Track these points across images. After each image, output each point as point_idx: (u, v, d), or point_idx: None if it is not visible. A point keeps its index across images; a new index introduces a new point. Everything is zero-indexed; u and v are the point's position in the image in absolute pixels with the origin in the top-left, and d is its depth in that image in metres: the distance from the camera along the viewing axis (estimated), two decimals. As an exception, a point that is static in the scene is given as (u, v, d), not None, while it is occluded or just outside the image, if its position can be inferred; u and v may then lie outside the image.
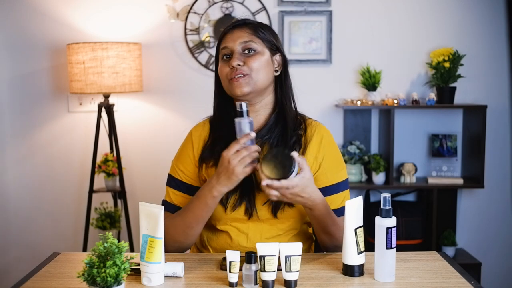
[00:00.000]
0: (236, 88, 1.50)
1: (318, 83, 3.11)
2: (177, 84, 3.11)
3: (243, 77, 1.50)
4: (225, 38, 1.56)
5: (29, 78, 3.09)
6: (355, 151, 3.00)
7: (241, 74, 1.50)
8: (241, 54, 1.53)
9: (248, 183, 1.51)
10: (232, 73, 1.51)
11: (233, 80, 1.50)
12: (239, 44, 1.53)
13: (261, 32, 1.56)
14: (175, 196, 1.59)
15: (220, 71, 1.55)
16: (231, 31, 1.56)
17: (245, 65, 1.51)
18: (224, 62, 1.55)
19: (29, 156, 3.13)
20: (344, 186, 1.59)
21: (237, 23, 1.58)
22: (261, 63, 1.53)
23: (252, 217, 1.53)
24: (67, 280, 1.32)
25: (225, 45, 1.54)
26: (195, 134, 1.61)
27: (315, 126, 1.61)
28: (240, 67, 1.50)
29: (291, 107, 1.59)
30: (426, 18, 3.10)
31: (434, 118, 3.15)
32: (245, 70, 1.50)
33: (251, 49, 1.53)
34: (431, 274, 1.34)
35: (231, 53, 1.53)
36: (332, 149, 1.60)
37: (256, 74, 1.51)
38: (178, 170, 1.59)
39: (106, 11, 3.07)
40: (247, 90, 1.51)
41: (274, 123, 1.57)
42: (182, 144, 1.64)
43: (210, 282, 1.30)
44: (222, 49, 1.55)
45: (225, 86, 1.55)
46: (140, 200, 1.34)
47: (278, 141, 1.55)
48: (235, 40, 1.53)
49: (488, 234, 3.21)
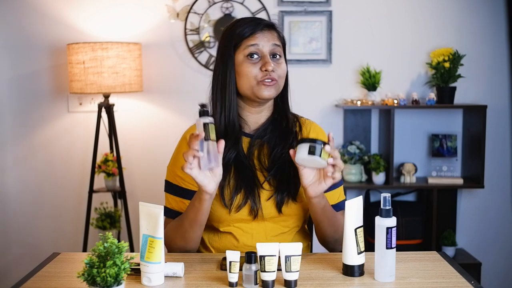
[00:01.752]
0: (266, 92, 1.51)
1: (318, 83, 3.11)
2: (177, 84, 3.11)
3: (274, 82, 1.52)
4: (256, 36, 1.52)
5: (29, 78, 3.09)
6: (355, 151, 3.00)
7: (273, 79, 1.51)
8: (271, 58, 1.53)
9: (250, 182, 1.52)
10: (265, 76, 1.50)
11: (265, 83, 1.51)
12: (271, 46, 1.53)
13: (282, 37, 1.59)
14: (175, 202, 1.57)
15: (246, 71, 1.52)
16: (262, 31, 1.54)
17: (275, 70, 1.52)
18: (252, 62, 1.52)
19: (29, 156, 3.13)
20: (340, 182, 1.61)
21: (268, 23, 1.56)
22: (284, 70, 1.56)
23: (257, 217, 1.53)
24: (67, 280, 1.32)
25: (256, 43, 1.52)
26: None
27: (309, 125, 1.64)
28: (273, 72, 1.51)
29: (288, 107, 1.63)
30: (426, 18, 3.10)
31: (434, 118, 3.15)
32: (275, 75, 1.52)
33: (278, 54, 1.54)
34: (431, 274, 1.34)
35: (260, 54, 1.52)
36: None
37: (281, 80, 1.55)
38: (176, 176, 1.57)
39: (106, 11, 3.07)
40: (274, 94, 1.53)
41: (273, 123, 1.59)
42: (176, 149, 1.62)
43: (210, 282, 1.30)
44: (250, 45, 1.52)
45: (248, 86, 1.52)
46: (140, 200, 1.34)
47: (278, 140, 1.56)
48: (267, 41, 1.52)
49: (488, 234, 3.21)
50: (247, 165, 1.54)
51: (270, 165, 1.55)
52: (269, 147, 1.56)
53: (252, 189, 1.52)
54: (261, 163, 1.56)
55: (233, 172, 1.54)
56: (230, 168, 1.54)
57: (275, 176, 1.53)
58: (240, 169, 1.53)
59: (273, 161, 1.55)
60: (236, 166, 1.54)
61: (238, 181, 1.52)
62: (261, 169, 1.55)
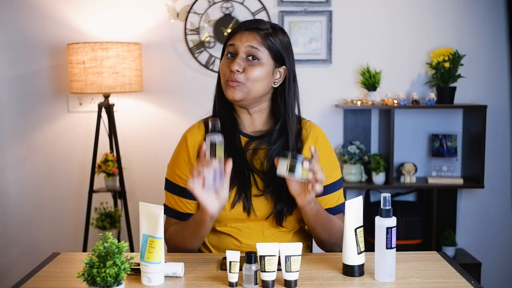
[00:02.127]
0: (228, 92, 1.51)
1: (318, 83, 3.11)
2: (177, 84, 3.11)
3: (237, 84, 1.49)
4: (235, 36, 1.54)
5: (29, 78, 3.09)
6: (355, 151, 3.00)
7: (236, 81, 1.49)
8: (244, 59, 1.51)
9: (245, 182, 1.52)
10: (229, 76, 1.50)
11: (228, 82, 1.50)
12: (245, 47, 1.51)
13: (270, 41, 1.52)
14: (175, 201, 1.58)
15: (221, 67, 1.55)
16: (241, 32, 1.53)
17: (244, 72, 1.49)
18: (227, 60, 1.53)
19: (29, 156, 3.13)
20: (339, 185, 1.61)
21: (250, 26, 1.53)
22: (260, 74, 1.51)
23: (250, 215, 1.53)
24: (67, 280, 1.32)
25: (233, 43, 1.53)
26: (190, 137, 1.60)
27: (310, 127, 1.63)
28: (238, 73, 1.49)
29: (293, 119, 1.57)
30: (426, 18, 3.10)
31: (434, 118, 3.15)
32: (241, 79, 1.49)
33: (255, 56, 1.51)
34: (431, 274, 1.34)
35: (235, 53, 1.52)
36: (327, 149, 1.61)
37: (252, 84, 1.50)
38: (175, 175, 1.58)
39: (106, 11, 3.07)
40: (239, 97, 1.50)
41: (278, 134, 1.56)
42: (177, 148, 1.63)
43: (210, 282, 1.30)
44: (229, 45, 1.54)
45: (221, 83, 1.55)
46: (140, 200, 1.34)
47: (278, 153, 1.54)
48: (243, 42, 1.51)
49: (488, 234, 3.21)
50: (242, 164, 1.54)
51: (267, 171, 1.54)
52: (266, 155, 1.55)
53: (245, 187, 1.52)
54: (254, 164, 1.55)
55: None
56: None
57: (269, 182, 1.53)
58: (235, 168, 1.52)
59: (269, 167, 1.53)
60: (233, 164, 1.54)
61: (233, 179, 1.52)
62: (256, 171, 1.55)
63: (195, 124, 1.64)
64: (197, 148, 1.58)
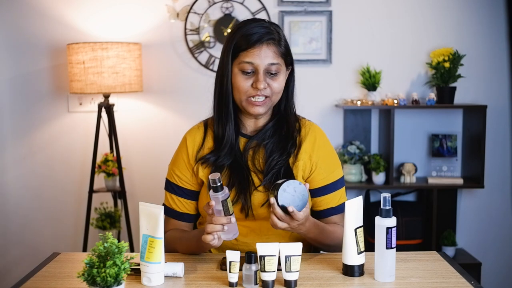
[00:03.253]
0: (254, 109, 1.51)
1: (318, 83, 3.11)
2: (177, 84, 3.11)
3: (264, 99, 1.51)
4: (251, 53, 1.48)
5: (29, 78, 3.09)
6: (355, 151, 3.00)
7: (263, 97, 1.50)
8: (265, 74, 1.50)
9: (244, 182, 1.52)
10: (254, 93, 1.49)
11: (253, 101, 1.50)
12: (267, 64, 1.49)
13: (283, 48, 1.52)
14: (173, 201, 1.61)
15: (238, 84, 1.51)
16: (259, 46, 1.48)
17: (268, 87, 1.50)
18: (245, 77, 1.50)
19: (29, 156, 3.13)
20: (340, 184, 1.61)
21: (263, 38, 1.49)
22: (280, 84, 1.53)
23: (248, 216, 1.53)
24: (67, 280, 1.32)
25: (251, 61, 1.48)
26: (190, 139, 1.61)
27: (309, 126, 1.62)
28: (264, 89, 1.50)
29: (292, 114, 1.60)
30: (426, 18, 3.10)
31: (434, 118, 3.15)
32: (267, 93, 1.51)
33: (275, 71, 1.51)
34: (431, 274, 1.34)
35: (255, 69, 1.49)
36: (326, 148, 1.61)
37: (276, 96, 1.53)
38: (174, 175, 1.61)
39: (106, 11, 3.07)
40: (263, 111, 1.53)
41: (273, 129, 1.58)
42: (177, 149, 1.65)
43: (210, 282, 1.30)
44: (244, 62, 1.49)
45: (239, 99, 1.53)
46: (140, 200, 1.34)
47: (276, 147, 1.56)
48: (262, 58, 1.48)
49: (488, 234, 3.21)
50: (242, 165, 1.54)
51: (266, 169, 1.54)
52: (265, 152, 1.56)
53: (245, 188, 1.52)
54: (254, 165, 1.55)
55: (227, 171, 1.54)
56: (224, 166, 1.55)
57: (269, 182, 1.52)
58: (234, 168, 1.54)
59: (269, 167, 1.54)
60: (231, 165, 1.55)
61: (231, 179, 1.52)
62: (255, 171, 1.55)
63: (195, 126, 1.65)
64: (196, 150, 1.59)
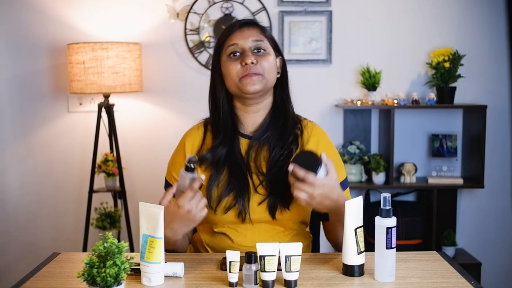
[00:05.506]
0: (249, 85, 1.50)
1: (318, 83, 3.11)
2: (177, 84, 3.11)
3: (256, 75, 1.51)
4: (234, 36, 1.54)
5: (29, 78, 3.09)
6: (355, 151, 3.00)
7: (255, 73, 1.50)
8: (253, 52, 1.53)
9: (242, 186, 1.51)
10: (245, 71, 1.50)
11: (246, 77, 1.50)
12: (251, 42, 1.53)
13: (268, 32, 1.59)
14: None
15: (228, 69, 1.53)
16: (240, 29, 1.55)
17: (258, 64, 1.51)
18: (233, 60, 1.53)
19: (29, 156, 3.13)
20: (345, 185, 1.59)
21: (245, 21, 1.58)
22: (270, 64, 1.54)
23: (245, 221, 1.52)
24: (67, 280, 1.32)
25: (235, 42, 1.53)
26: (188, 139, 1.61)
27: (311, 128, 1.61)
28: (253, 65, 1.50)
29: (289, 104, 1.61)
30: (426, 18, 3.10)
31: (434, 118, 3.15)
32: (259, 69, 1.51)
33: (261, 48, 1.54)
34: (431, 274, 1.34)
35: (241, 50, 1.53)
36: (330, 150, 1.60)
37: (268, 74, 1.53)
38: (171, 175, 1.61)
39: (106, 11, 3.07)
40: (259, 87, 1.51)
41: (272, 123, 1.58)
42: (175, 150, 1.64)
43: (210, 282, 1.30)
44: (230, 46, 1.54)
45: (233, 84, 1.54)
46: (140, 200, 1.34)
47: (277, 141, 1.55)
48: (246, 37, 1.53)
49: (488, 234, 3.21)
50: (242, 167, 1.53)
51: (268, 169, 1.53)
52: (268, 148, 1.55)
53: (243, 193, 1.51)
54: (257, 166, 1.54)
55: (227, 174, 1.53)
56: (223, 169, 1.54)
57: (270, 180, 1.52)
58: (234, 171, 1.53)
59: (271, 163, 1.53)
60: (231, 168, 1.54)
61: (230, 183, 1.51)
62: (257, 173, 1.54)
63: (195, 126, 1.65)
64: (195, 150, 1.59)
